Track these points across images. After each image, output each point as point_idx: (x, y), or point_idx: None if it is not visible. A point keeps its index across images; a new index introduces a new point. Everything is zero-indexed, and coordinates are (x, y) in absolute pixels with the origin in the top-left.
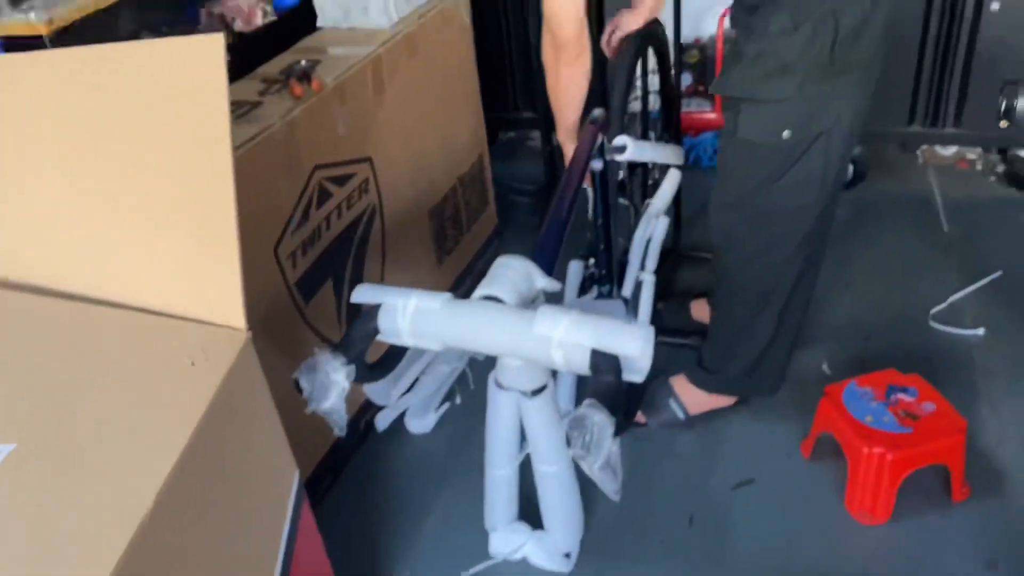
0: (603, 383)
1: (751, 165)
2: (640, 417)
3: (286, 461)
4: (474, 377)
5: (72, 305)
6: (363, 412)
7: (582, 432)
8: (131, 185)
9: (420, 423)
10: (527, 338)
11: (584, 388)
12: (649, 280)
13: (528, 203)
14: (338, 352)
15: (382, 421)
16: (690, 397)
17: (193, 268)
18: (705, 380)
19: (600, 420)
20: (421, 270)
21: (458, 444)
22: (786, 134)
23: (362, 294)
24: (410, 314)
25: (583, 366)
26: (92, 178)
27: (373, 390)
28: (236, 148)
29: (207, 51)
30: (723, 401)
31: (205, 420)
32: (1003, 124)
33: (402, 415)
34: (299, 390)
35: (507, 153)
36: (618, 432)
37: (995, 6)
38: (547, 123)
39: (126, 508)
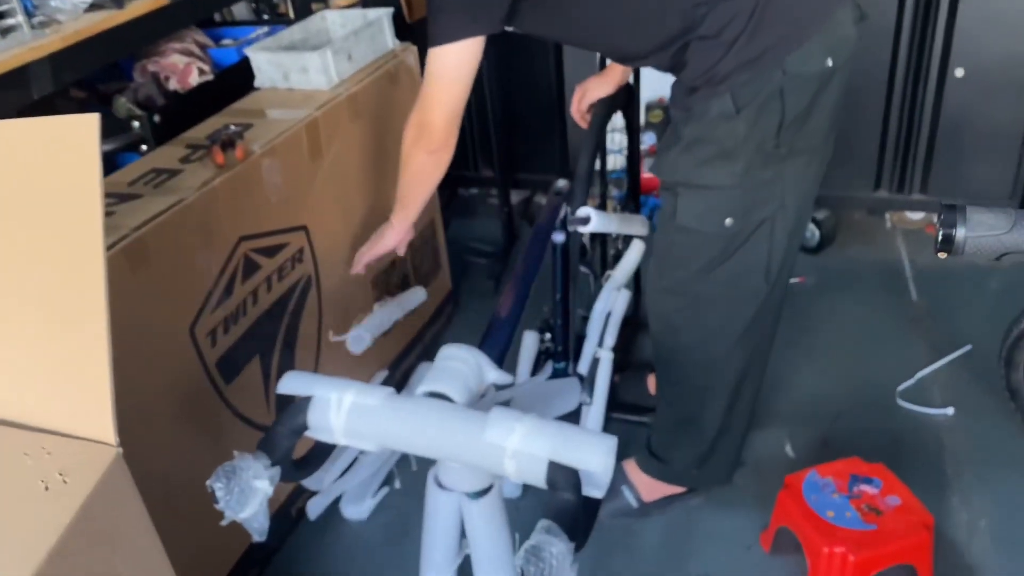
0: (562, 502)
1: (690, 251)
2: None
3: None
4: (416, 460)
5: None
6: (295, 497)
7: (540, 567)
8: None
9: (356, 509)
10: (477, 445)
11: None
12: (607, 357)
13: (486, 265)
14: (261, 453)
15: (314, 508)
16: (643, 483)
17: (58, 376)
18: (655, 468)
19: (559, 550)
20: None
21: (396, 534)
22: (728, 222)
23: (290, 384)
24: (345, 411)
25: (539, 479)
26: None
27: None
28: (145, 222)
29: (80, 133)
30: (677, 488)
31: (53, 556)
32: (941, 255)
33: (337, 500)
34: (215, 499)
35: (466, 211)
36: (575, 552)
37: (959, 72)
38: (505, 182)
39: None
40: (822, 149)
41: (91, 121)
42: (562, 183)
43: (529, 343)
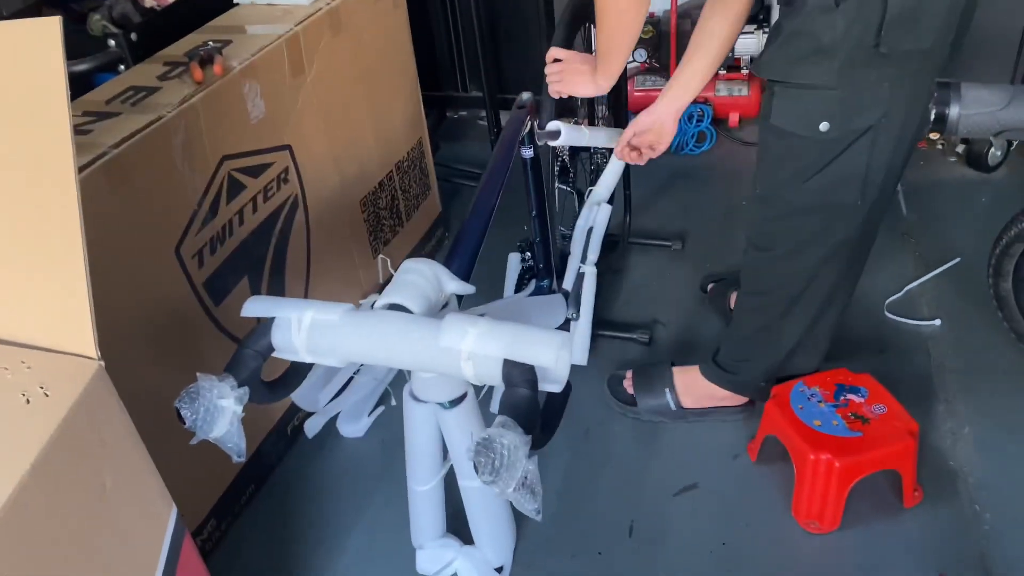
0: (516, 396)
1: (783, 156)
2: (628, 385)
3: (157, 500)
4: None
5: None
6: (291, 415)
7: (490, 456)
8: None
9: (352, 427)
10: (435, 351)
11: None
12: (591, 272)
13: (475, 188)
14: (227, 374)
15: (311, 427)
16: (686, 390)
17: (34, 290)
18: (719, 377)
19: (511, 441)
20: (354, 262)
21: (392, 449)
22: (823, 126)
23: (254, 307)
24: (306, 328)
25: (496, 378)
26: None
27: (299, 396)
28: (124, 140)
29: (42, 35)
30: (729, 400)
31: (37, 468)
32: (933, 136)
33: (334, 418)
34: (181, 420)
35: (455, 134)
36: (536, 448)
37: None
38: (494, 103)
39: None
40: (935, 56)
41: (53, 23)
42: (526, 96)
43: (513, 263)
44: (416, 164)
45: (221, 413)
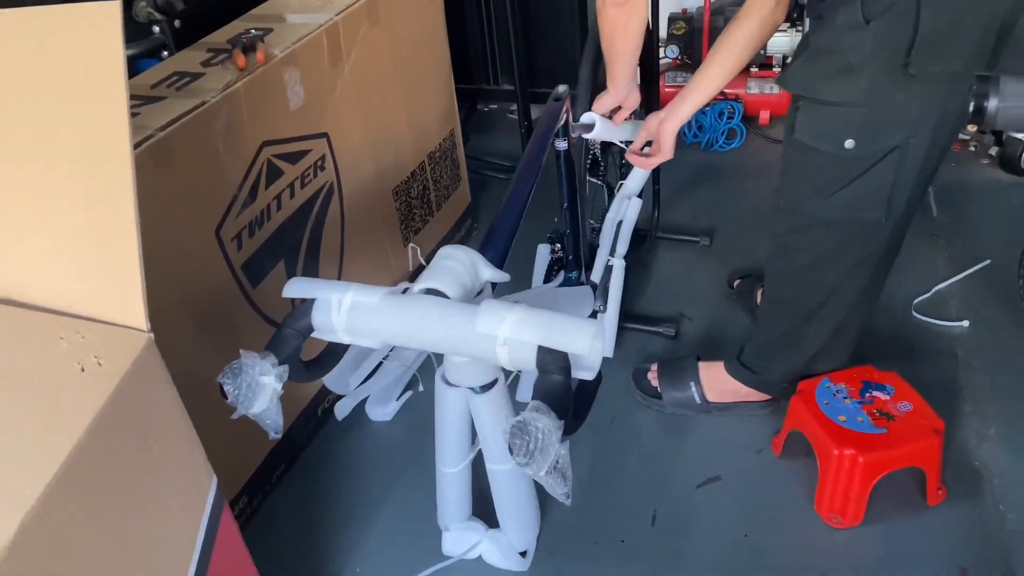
0: (550, 382)
1: (806, 170)
2: (653, 378)
3: (200, 470)
4: (439, 364)
5: None
6: (321, 398)
7: (525, 439)
8: (20, 168)
9: (381, 411)
10: (471, 336)
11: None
12: (619, 265)
13: (504, 180)
14: (268, 352)
15: (341, 409)
16: (711, 384)
17: (90, 263)
18: (743, 375)
19: (545, 425)
20: (384, 251)
21: (419, 434)
22: (849, 144)
23: (295, 288)
24: (345, 310)
25: (530, 364)
26: None
27: (330, 379)
28: (169, 123)
29: (103, 20)
30: (753, 395)
31: (92, 432)
32: (971, 128)
33: (363, 402)
34: (224, 395)
35: (485, 127)
36: (567, 434)
37: None
38: (525, 96)
39: None
40: (970, 77)
41: (113, 8)
42: (562, 88)
43: (542, 254)
44: (448, 155)
45: (262, 389)
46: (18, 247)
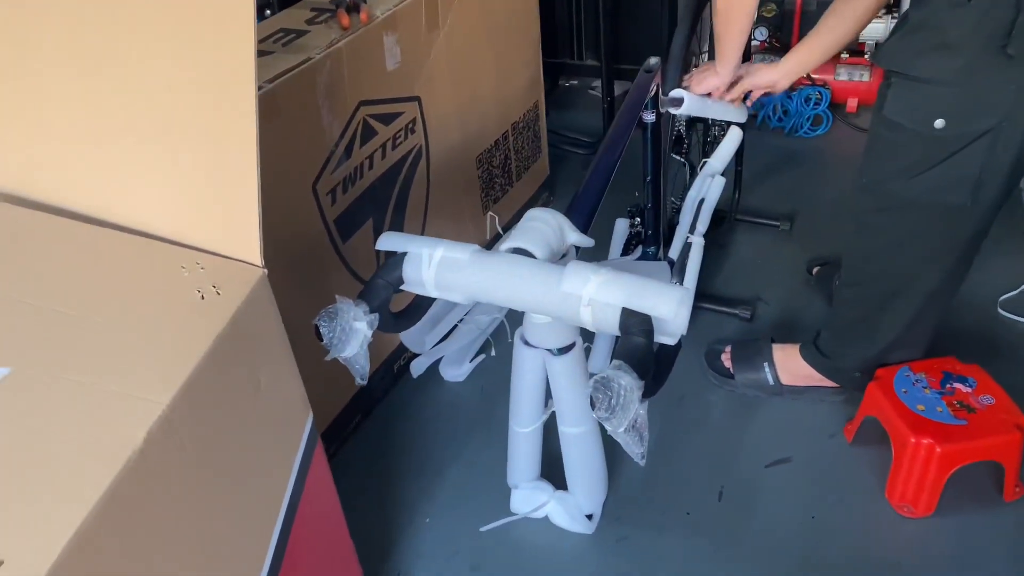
0: (632, 344)
1: (893, 149)
2: (726, 359)
3: (299, 404)
4: (512, 331)
5: (83, 227)
6: (398, 355)
7: (607, 394)
8: (151, 107)
9: (454, 372)
10: (555, 295)
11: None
12: (698, 243)
13: (583, 156)
14: (361, 300)
15: (417, 367)
16: (785, 367)
17: (211, 199)
18: (816, 360)
19: (627, 383)
20: (465, 217)
21: (490, 396)
22: (939, 123)
23: (388, 242)
24: (435, 264)
25: (613, 326)
26: (111, 96)
27: (408, 337)
28: (276, 77)
29: None
30: (827, 381)
31: (210, 355)
32: None
33: (437, 362)
34: (319, 336)
35: (566, 102)
36: (647, 396)
37: None
38: (609, 72)
39: (115, 443)
40: None
41: None
42: (654, 60)
43: (620, 228)
44: (531, 126)
45: (354, 334)
46: (145, 181)
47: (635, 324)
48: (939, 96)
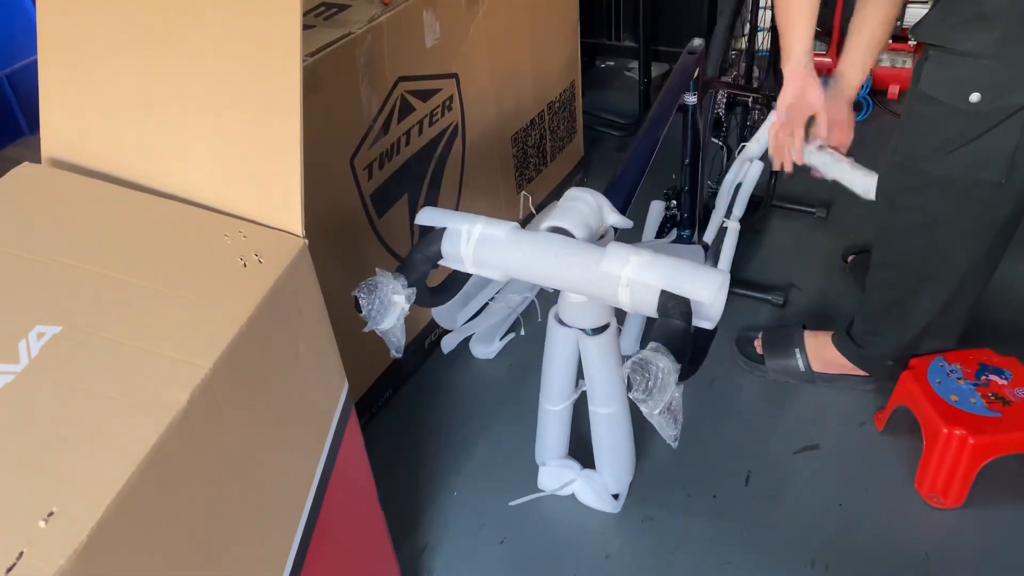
0: (671, 327)
1: (928, 124)
2: (758, 346)
3: (335, 373)
4: (542, 310)
5: (130, 193)
6: (429, 331)
7: (645, 376)
8: (198, 76)
9: (484, 349)
10: (594, 274)
11: (650, 331)
12: (734, 228)
13: (617, 138)
14: (399, 274)
15: (448, 343)
16: (817, 354)
17: (254, 169)
18: (848, 348)
19: (665, 365)
20: (499, 196)
21: (518, 375)
22: (974, 97)
23: (427, 217)
24: (474, 241)
25: (651, 307)
26: (160, 64)
27: (439, 313)
28: (317, 51)
29: None
30: (859, 370)
31: (251, 321)
32: None
33: (467, 339)
34: (358, 308)
35: (601, 83)
36: (682, 379)
37: None
38: (647, 54)
39: (160, 403)
40: None
41: None
42: (698, 42)
43: (655, 210)
44: (567, 106)
45: (392, 307)
46: (190, 149)
47: (674, 307)
48: (975, 69)
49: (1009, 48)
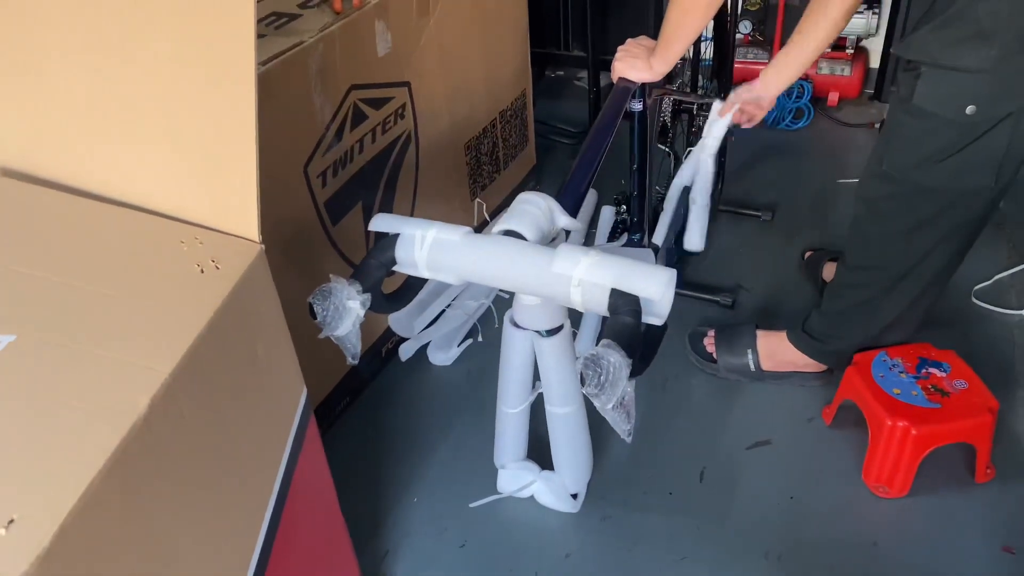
0: (621, 323)
1: (920, 136)
2: (709, 343)
3: (293, 379)
4: (499, 316)
5: (85, 202)
6: (386, 338)
7: (597, 371)
8: (152, 83)
9: (442, 356)
10: (546, 275)
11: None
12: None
13: (569, 146)
14: (354, 280)
15: (405, 350)
16: (770, 353)
17: (209, 176)
18: (806, 344)
19: (616, 360)
20: (453, 204)
21: (476, 380)
22: (970, 109)
23: (381, 223)
24: (428, 245)
25: (602, 306)
26: (112, 72)
27: (396, 321)
28: (269, 60)
29: None
30: (809, 366)
31: (211, 326)
32: None
33: (425, 346)
34: (313, 315)
35: (552, 92)
36: (634, 375)
37: None
38: (596, 63)
39: (120, 408)
40: None
41: None
42: None
43: (606, 215)
44: (518, 114)
45: (347, 313)
46: (146, 157)
47: (623, 304)
48: (972, 83)
49: (1005, 62)
